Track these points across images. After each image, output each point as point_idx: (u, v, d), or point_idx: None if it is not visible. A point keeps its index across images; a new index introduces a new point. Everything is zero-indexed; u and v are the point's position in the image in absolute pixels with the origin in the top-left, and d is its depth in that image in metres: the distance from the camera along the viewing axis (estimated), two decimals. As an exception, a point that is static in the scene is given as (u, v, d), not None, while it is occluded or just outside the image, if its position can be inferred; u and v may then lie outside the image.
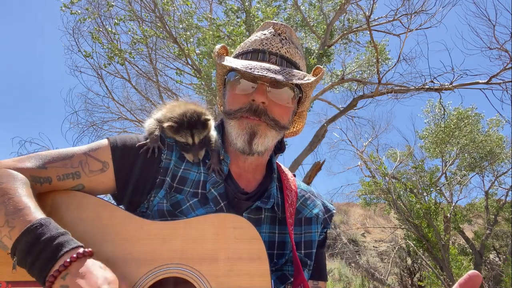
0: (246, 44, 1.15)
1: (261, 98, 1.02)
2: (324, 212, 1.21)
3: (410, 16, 7.85)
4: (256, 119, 1.03)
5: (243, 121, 1.04)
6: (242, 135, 1.04)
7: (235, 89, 1.07)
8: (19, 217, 0.80)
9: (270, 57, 1.07)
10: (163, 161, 1.04)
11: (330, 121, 9.04)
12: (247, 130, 1.03)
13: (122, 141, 1.03)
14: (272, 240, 1.08)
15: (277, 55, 1.08)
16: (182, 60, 7.67)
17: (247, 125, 1.03)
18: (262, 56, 1.08)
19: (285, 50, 1.10)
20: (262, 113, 1.03)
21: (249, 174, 1.14)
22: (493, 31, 7.48)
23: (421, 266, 10.35)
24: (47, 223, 0.80)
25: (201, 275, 0.87)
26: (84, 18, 7.02)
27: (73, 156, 0.99)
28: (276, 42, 1.10)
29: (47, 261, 0.76)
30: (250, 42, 1.13)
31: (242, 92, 1.06)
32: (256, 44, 1.11)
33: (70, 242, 0.79)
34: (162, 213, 1.00)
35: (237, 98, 1.06)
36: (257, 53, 1.09)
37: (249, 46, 1.13)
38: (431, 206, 8.75)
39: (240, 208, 1.06)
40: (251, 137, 1.03)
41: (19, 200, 0.83)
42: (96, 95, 8.68)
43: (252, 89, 1.04)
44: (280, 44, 1.10)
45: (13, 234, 0.79)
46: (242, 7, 7.29)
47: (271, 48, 1.09)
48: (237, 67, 1.01)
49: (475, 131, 11.39)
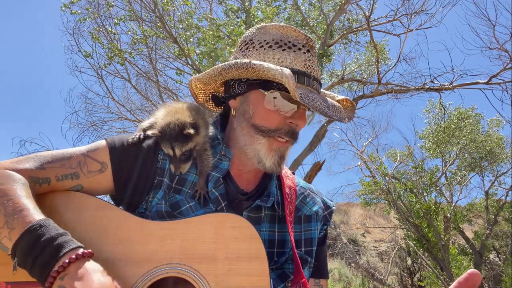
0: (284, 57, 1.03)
1: (303, 124, 1.03)
2: (323, 209, 1.21)
3: (410, 16, 7.85)
4: (290, 141, 1.04)
5: (273, 143, 1.03)
6: (271, 156, 1.03)
7: (269, 104, 1.01)
8: (19, 218, 0.80)
9: (313, 83, 1.04)
10: (159, 161, 1.04)
11: (330, 121, 9.04)
12: (277, 153, 1.04)
13: (120, 142, 1.03)
14: (272, 238, 1.08)
15: (317, 80, 1.06)
16: (182, 60, 7.66)
17: (278, 148, 1.03)
18: (307, 81, 1.02)
19: (319, 73, 1.09)
20: (296, 136, 1.05)
21: (249, 174, 1.14)
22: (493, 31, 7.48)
23: (421, 266, 10.35)
24: (47, 223, 0.80)
25: (200, 275, 0.88)
26: (84, 18, 7.02)
27: (71, 157, 0.99)
28: (315, 64, 1.06)
29: (47, 262, 0.76)
30: (292, 58, 1.02)
31: (280, 110, 1.01)
32: (300, 63, 1.03)
33: (70, 243, 0.79)
34: (161, 214, 1.00)
35: (272, 115, 1.02)
36: (303, 77, 1.02)
37: (289, 62, 1.02)
38: (431, 206, 8.75)
39: (240, 207, 1.06)
40: (280, 159, 1.05)
41: (18, 201, 0.83)
42: (96, 95, 8.69)
43: (292, 111, 1.01)
44: (317, 67, 1.07)
45: (13, 236, 0.79)
46: (242, 7, 7.29)
47: (313, 72, 1.05)
48: (301, 100, 0.93)
49: (475, 131, 11.39)
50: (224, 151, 1.09)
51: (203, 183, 1.04)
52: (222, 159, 1.09)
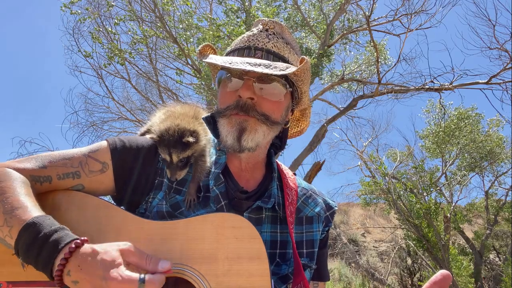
0: (234, 43, 1.13)
1: (247, 94, 0.99)
2: (325, 210, 1.20)
3: (410, 16, 7.86)
4: (244, 115, 1.01)
5: (232, 119, 1.01)
6: (231, 132, 1.01)
7: (225, 88, 1.06)
8: (16, 215, 0.79)
9: (256, 53, 1.05)
10: (160, 162, 1.04)
11: (330, 121, 9.05)
12: (236, 127, 1.01)
13: (121, 142, 1.03)
14: (274, 239, 1.07)
15: (263, 50, 1.06)
16: (182, 60, 7.67)
17: (235, 122, 1.01)
18: (247, 52, 1.06)
19: (272, 44, 1.07)
20: (250, 108, 1.00)
21: (247, 173, 1.13)
22: (493, 31, 7.49)
23: (421, 266, 10.35)
24: (42, 220, 0.79)
25: (201, 275, 0.87)
26: (84, 18, 7.03)
27: (73, 156, 0.99)
28: (262, 37, 1.08)
29: (47, 260, 0.75)
30: (238, 41, 1.12)
31: (231, 89, 1.04)
32: (243, 41, 1.09)
33: (65, 238, 0.77)
34: (162, 215, 1.00)
35: (226, 96, 1.05)
36: (243, 50, 1.07)
37: (237, 44, 1.11)
38: (431, 206, 8.75)
39: (241, 208, 1.06)
40: (240, 133, 1.00)
41: (17, 198, 0.82)
42: (96, 95, 8.72)
43: (239, 85, 1.02)
44: (267, 39, 1.07)
45: (13, 234, 0.79)
46: (242, 7, 7.29)
47: (257, 43, 1.06)
48: (216, 62, 0.99)
49: (475, 131, 11.39)
50: (219, 145, 1.10)
51: (194, 189, 1.03)
52: (220, 154, 1.10)
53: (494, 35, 7.49)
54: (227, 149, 1.06)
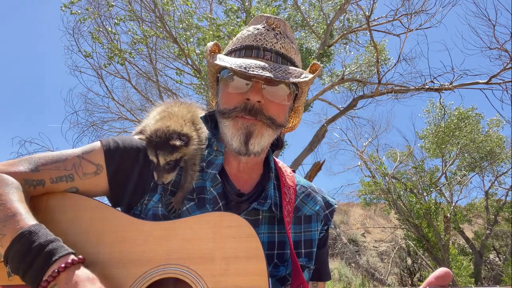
0: (238, 40, 1.09)
1: (257, 97, 0.97)
2: (324, 208, 1.18)
3: (410, 16, 7.85)
4: (252, 118, 0.99)
5: (238, 121, 0.99)
6: (237, 135, 0.99)
7: (228, 87, 1.02)
8: (9, 224, 0.78)
9: (265, 54, 1.02)
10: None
11: (330, 121, 9.05)
12: (243, 131, 0.99)
13: (115, 144, 1.01)
14: (272, 240, 1.06)
15: (272, 51, 1.03)
16: (182, 60, 7.68)
17: (242, 125, 0.99)
18: (256, 53, 1.02)
19: (280, 45, 1.04)
20: (258, 112, 0.98)
21: (245, 174, 1.11)
22: (493, 31, 7.48)
23: (421, 266, 10.35)
24: (37, 230, 0.78)
25: (198, 275, 0.87)
26: (84, 18, 7.03)
27: (66, 158, 0.97)
28: (270, 37, 1.04)
29: (38, 272, 0.74)
30: (242, 38, 1.07)
31: (236, 90, 1.00)
32: (250, 39, 1.05)
33: (60, 250, 0.76)
34: (157, 217, 0.99)
35: (231, 96, 1.01)
36: (250, 50, 1.03)
37: (242, 41, 1.07)
38: (431, 206, 8.75)
39: (237, 210, 1.04)
40: (247, 137, 0.99)
41: (10, 206, 0.81)
42: (96, 95, 8.72)
43: (247, 87, 0.99)
44: (275, 39, 1.04)
45: (4, 242, 0.77)
46: (242, 7, 7.30)
47: (266, 44, 1.03)
48: (232, 67, 0.95)
49: (475, 131, 11.38)
50: (217, 145, 1.08)
51: (180, 198, 1.01)
52: (217, 154, 1.08)
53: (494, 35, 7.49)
54: (232, 151, 1.04)
